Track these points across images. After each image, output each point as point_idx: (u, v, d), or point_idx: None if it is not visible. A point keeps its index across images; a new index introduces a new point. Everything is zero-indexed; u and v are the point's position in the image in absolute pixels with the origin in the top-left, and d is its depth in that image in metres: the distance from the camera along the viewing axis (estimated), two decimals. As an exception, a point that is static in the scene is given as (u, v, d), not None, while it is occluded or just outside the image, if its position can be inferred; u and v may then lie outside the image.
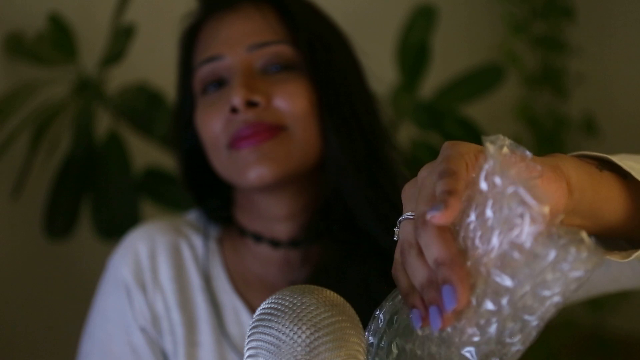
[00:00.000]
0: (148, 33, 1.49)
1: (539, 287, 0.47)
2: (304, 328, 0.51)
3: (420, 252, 0.51)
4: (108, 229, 1.36)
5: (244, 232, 0.95)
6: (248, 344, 0.54)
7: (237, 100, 0.86)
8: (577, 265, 0.46)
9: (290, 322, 0.52)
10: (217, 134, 0.89)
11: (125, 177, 1.39)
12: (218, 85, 0.91)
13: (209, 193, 0.98)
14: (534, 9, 2.13)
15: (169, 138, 1.16)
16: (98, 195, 1.38)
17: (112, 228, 1.36)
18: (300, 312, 0.52)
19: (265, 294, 0.65)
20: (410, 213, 0.54)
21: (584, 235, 0.46)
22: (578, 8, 2.13)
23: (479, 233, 0.50)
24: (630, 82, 2.20)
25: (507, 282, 0.48)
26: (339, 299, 0.54)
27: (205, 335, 0.91)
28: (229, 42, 0.90)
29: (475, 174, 0.51)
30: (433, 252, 0.50)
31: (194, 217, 1.00)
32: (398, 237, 0.55)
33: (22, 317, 1.48)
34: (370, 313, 0.57)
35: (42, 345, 1.50)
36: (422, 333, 0.53)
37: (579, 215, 0.56)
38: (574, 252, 0.46)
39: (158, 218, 1.01)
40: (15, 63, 1.45)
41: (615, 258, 0.60)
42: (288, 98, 0.88)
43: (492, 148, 0.50)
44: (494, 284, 0.49)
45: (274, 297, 0.54)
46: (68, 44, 1.43)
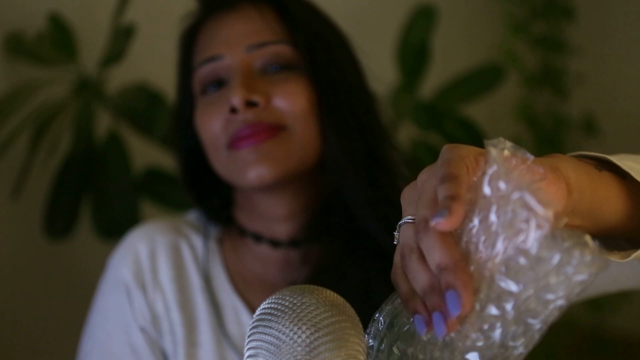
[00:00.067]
0: (148, 33, 1.49)
1: (543, 290, 0.47)
2: (304, 328, 0.51)
3: (422, 256, 0.51)
4: (108, 229, 1.36)
5: (244, 232, 0.95)
6: (248, 344, 0.54)
7: (236, 100, 0.86)
8: (581, 269, 0.46)
9: (290, 322, 0.52)
10: (216, 134, 0.89)
11: (125, 177, 1.39)
12: (218, 86, 0.91)
13: (209, 193, 0.98)
14: (534, 9, 2.13)
15: (169, 138, 1.16)
16: (98, 195, 1.38)
17: (112, 228, 1.36)
18: (300, 312, 0.52)
19: (265, 294, 0.65)
20: (410, 217, 0.53)
21: (588, 239, 0.46)
22: (578, 8, 2.13)
23: (483, 238, 0.49)
24: (630, 82, 2.20)
25: (512, 287, 0.48)
26: (339, 299, 0.54)
27: (205, 335, 0.91)
28: (229, 42, 0.90)
29: (477, 178, 0.51)
30: (435, 256, 0.49)
31: (194, 217, 1.00)
32: (398, 240, 0.54)
33: (22, 317, 1.48)
34: (370, 313, 0.57)
35: (42, 345, 1.50)
36: (424, 337, 0.52)
37: (578, 216, 0.56)
38: (578, 255, 0.46)
39: (158, 218, 1.01)
40: (15, 63, 1.45)
41: (615, 258, 0.60)
42: (287, 98, 0.88)
43: (494, 151, 0.50)
44: (498, 289, 0.48)
45: (274, 297, 0.54)
46: (68, 44, 1.43)
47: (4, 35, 1.43)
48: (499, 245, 0.48)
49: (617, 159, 0.60)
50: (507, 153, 0.50)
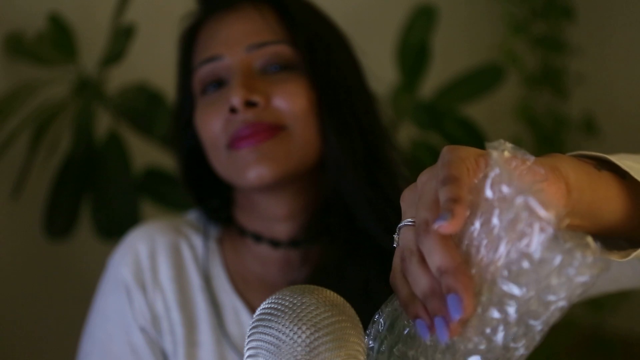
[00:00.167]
0: (148, 33, 1.49)
1: (544, 292, 0.47)
2: (304, 328, 0.51)
3: (422, 259, 0.51)
4: (108, 229, 1.36)
5: (244, 232, 0.95)
6: (248, 344, 0.54)
7: (236, 101, 0.86)
8: (582, 270, 0.45)
9: (290, 322, 0.52)
10: (216, 134, 0.89)
11: (125, 177, 1.39)
12: (217, 86, 0.91)
13: (209, 193, 0.98)
14: (534, 9, 2.13)
15: (169, 138, 1.17)
16: (98, 195, 1.38)
17: (112, 228, 1.36)
18: (300, 312, 0.52)
19: (265, 294, 0.65)
20: (410, 219, 0.53)
21: (590, 240, 0.46)
22: (578, 8, 2.13)
23: (485, 241, 0.49)
24: (630, 82, 2.20)
25: (514, 290, 0.47)
26: (339, 299, 0.54)
27: (205, 335, 0.91)
28: (228, 42, 0.90)
29: (478, 180, 0.50)
30: (436, 259, 0.49)
31: (194, 217, 1.00)
32: (398, 243, 0.54)
33: (22, 316, 1.48)
34: (370, 313, 0.57)
35: (42, 345, 1.50)
36: (428, 342, 0.52)
37: (578, 216, 0.56)
38: (580, 256, 0.45)
39: (158, 218, 1.01)
40: (15, 63, 1.45)
41: (615, 257, 0.60)
42: (287, 98, 0.88)
43: (495, 154, 0.50)
44: (500, 292, 0.48)
45: (274, 297, 0.54)
46: (68, 44, 1.43)
47: (4, 35, 1.43)
48: (502, 249, 0.48)
49: (616, 159, 0.60)
50: (507, 154, 0.50)
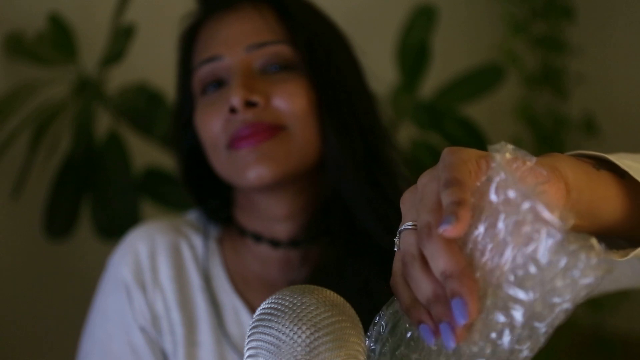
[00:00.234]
0: (148, 33, 1.49)
1: (549, 294, 0.46)
2: (304, 328, 0.51)
3: (424, 264, 0.50)
4: (108, 229, 1.36)
5: (244, 232, 0.95)
6: (248, 344, 0.54)
7: (236, 101, 0.86)
8: (587, 272, 0.45)
9: (290, 322, 0.52)
10: (216, 134, 0.89)
11: (125, 177, 1.39)
12: (217, 86, 0.91)
13: (209, 193, 0.98)
14: (534, 9, 2.13)
15: (169, 138, 1.16)
16: (98, 195, 1.38)
17: (112, 228, 1.36)
18: (300, 312, 0.52)
19: (265, 294, 0.65)
20: (411, 223, 0.52)
21: (594, 242, 0.46)
22: (578, 8, 2.12)
23: (490, 245, 0.48)
24: (630, 82, 2.20)
25: (520, 295, 0.47)
26: (339, 299, 0.54)
27: (205, 335, 0.91)
28: (228, 42, 0.90)
29: (481, 183, 0.50)
30: (440, 263, 0.48)
31: (194, 217, 1.00)
32: (398, 247, 0.53)
33: (22, 316, 1.48)
34: (370, 313, 0.57)
35: (42, 345, 1.50)
36: (433, 347, 0.51)
37: (577, 215, 0.56)
38: (584, 258, 0.45)
39: (158, 218, 1.01)
40: (15, 63, 1.45)
41: (614, 257, 0.60)
42: (287, 98, 0.88)
43: (499, 158, 0.49)
44: (506, 296, 0.48)
45: (274, 297, 0.54)
46: (68, 44, 1.43)
47: (4, 35, 1.43)
48: (508, 254, 0.48)
49: (615, 158, 0.60)
50: (509, 156, 0.50)
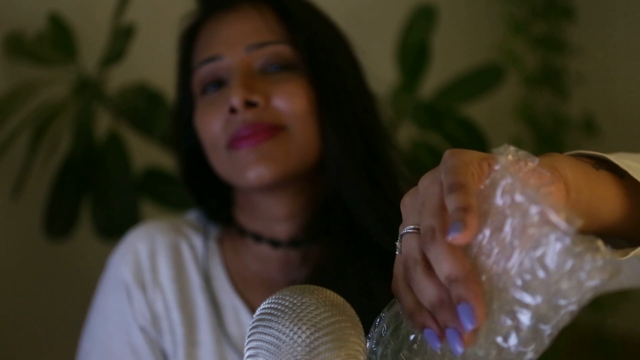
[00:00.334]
0: (148, 33, 1.49)
1: (555, 296, 0.46)
2: (304, 328, 0.51)
3: (428, 268, 0.50)
4: (108, 229, 1.36)
5: (244, 232, 0.95)
6: (248, 344, 0.54)
7: (235, 101, 0.86)
8: (593, 274, 0.45)
9: (290, 322, 0.52)
10: (216, 134, 0.89)
11: (125, 177, 1.39)
12: (217, 86, 0.91)
13: (209, 193, 0.98)
14: (534, 9, 2.13)
15: (169, 138, 1.16)
16: (98, 195, 1.38)
17: (112, 228, 1.36)
18: (300, 312, 0.52)
19: (265, 294, 0.65)
20: (413, 226, 0.52)
21: (600, 244, 0.45)
22: (578, 8, 2.12)
23: (496, 250, 0.48)
24: (630, 82, 2.20)
25: (527, 299, 0.47)
26: (339, 299, 0.54)
27: (205, 335, 0.91)
28: (228, 42, 0.90)
29: (485, 187, 0.50)
30: (445, 268, 0.48)
31: (194, 217, 1.00)
32: (400, 251, 0.53)
33: (22, 316, 1.48)
34: (370, 313, 0.57)
35: (42, 345, 1.50)
36: (438, 352, 0.51)
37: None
38: (591, 260, 0.45)
39: (158, 218, 1.01)
40: (15, 63, 1.45)
41: (614, 257, 0.60)
42: (287, 98, 0.88)
43: (504, 161, 0.49)
44: (512, 300, 0.47)
45: (274, 297, 0.54)
46: (68, 44, 1.43)
47: (4, 35, 1.43)
48: (515, 258, 0.47)
49: (614, 158, 0.60)
50: (511, 158, 0.50)
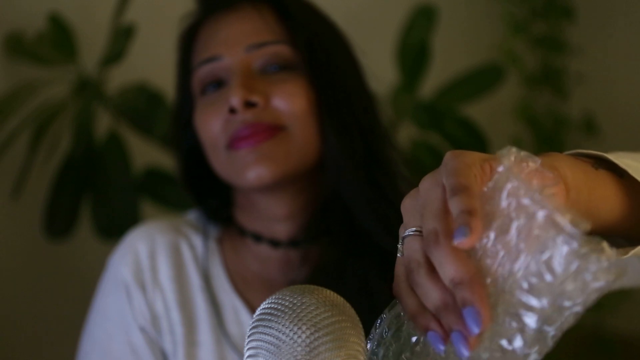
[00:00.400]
0: (148, 33, 1.49)
1: (560, 297, 0.46)
2: (304, 328, 0.51)
3: (431, 271, 0.49)
4: (108, 229, 1.36)
5: (244, 232, 0.95)
6: (248, 344, 0.54)
7: (235, 101, 0.86)
8: (598, 276, 0.45)
9: (290, 322, 0.52)
10: (216, 135, 0.89)
11: (125, 177, 1.39)
12: (217, 86, 0.91)
13: (209, 193, 0.98)
14: (534, 9, 2.13)
15: (169, 138, 1.16)
16: (98, 195, 1.38)
17: (112, 228, 1.36)
18: (300, 312, 0.52)
19: (265, 294, 0.65)
20: (414, 228, 0.52)
21: (605, 245, 0.45)
22: (578, 8, 2.13)
23: (502, 253, 0.48)
24: (630, 82, 2.20)
25: (533, 302, 0.47)
26: (339, 299, 0.54)
27: (205, 335, 0.91)
28: (228, 42, 0.90)
29: (488, 189, 0.50)
30: (450, 271, 0.48)
31: (194, 217, 1.00)
32: (402, 253, 0.53)
33: (22, 316, 1.48)
34: (371, 313, 0.57)
35: (42, 345, 1.50)
36: (442, 355, 0.51)
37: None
38: (596, 262, 0.45)
39: (158, 218, 1.01)
40: (15, 63, 1.45)
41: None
42: (287, 98, 0.88)
43: (507, 163, 0.49)
44: (518, 303, 0.47)
45: (274, 297, 0.54)
46: (68, 44, 1.43)
47: (4, 35, 1.43)
48: (521, 261, 0.47)
49: (614, 157, 0.60)
50: (513, 159, 0.49)
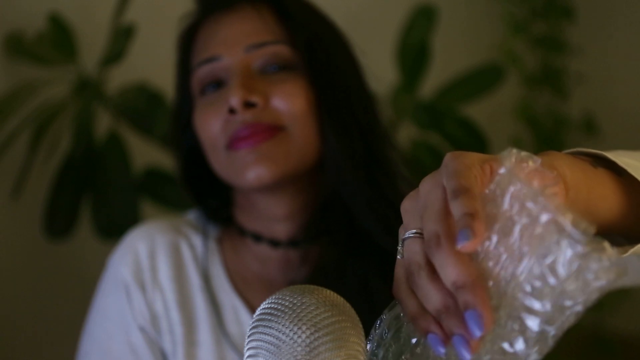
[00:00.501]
0: (148, 33, 1.49)
1: (561, 297, 0.46)
2: (304, 328, 0.51)
3: (432, 273, 0.49)
4: (108, 229, 1.36)
5: (244, 231, 0.95)
6: (248, 344, 0.54)
7: (234, 101, 0.86)
8: (600, 275, 0.45)
9: (290, 322, 0.52)
10: (215, 135, 0.89)
11: (125, 177, 1.39)
12: (216, 86, 0.91)
13: (208, 193, 0.98)
14: (534, 9, 2.13)
15: (169, 138, 1.16)
16: (98, 195, 1.38)
17: (112, 228, 1.36)
18: (300, 312, 0.52)
19: (265, 294, 0.65)
20: (415, 230, 0.51)
21: (607, 245, 0.45)
22: (578, 8, 2.13)
23: (504, 256, 0.48)
24: (630, 82, 2.20)
25: (536, 305, 0.47)
26: (339, 299, 0.54)
27: (205, 335, 0.91)
28: (227, 42, 0.90)
29: (489, 191, 0.49)
30: (451, 274, 0.47)
31: (194, 217, 1.00)
32: (402, 255, 0.52)
33: (22, 316, 1.48)
34: (370, 312, 0.57)
35: (42, 345, 1.50)
36: (443, 357, 0.51)
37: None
38: (597, 261, 0.45)
39: (158, 218, 1.01)
40: (15, 63, 1.45)
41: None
42: (286, 98, 0.88)
43: (509, 165, 0.49)
44: (520, 306, 0.47)
45: (274, 297, 0.54)
46: (68, 44, 1.44)
47: (4, 35, 1.43)
48: (524, 264, 0.47)
49: (613, 155, 0.60)
50: (514, 160, 0.49)
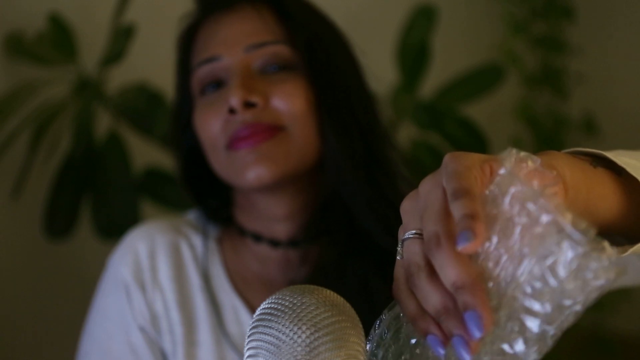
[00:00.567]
0: (148, 33, 1.49)
1: (560, 296, 0.46)
2: (304, 328, 0.51)
3: (431, 274, 0.49)
4: (108, 229, 1.36)
5: (244, 231, 0.95)
6: (248, 344, 0.54)
7: (234, 101, 0.86)
8: (599, 274, 0.45)
9: (290, 322, 0.52)
10: (215, 135, 0.89)
11: (125, 177, 1.39)
12: (216, 86, 0.91)
13: (208, 193, 0.98)
14: (534, 9, 2.13)
15: (169, 138, 1.17)
16: (98, 195, 1.38)
17: (112, 228, 1.36)
18: (300, 312, 0.52)
19: (265, 294, 0.65)
20: (414, 231, 0.51)
21: (606, 244, 0.45)
22: (578, 8, 2.13)
23: (505, 257, 0.48)
24: (630, 82, 2.20)
25: (536, 306, 0.47)
26: (339, 299, 0.54)
27: (205, 335, 0.91)
28: (227, 42, 0.90)
29: (489, 192, 0.49)
30: (451, 274, 0.47)
31: (194, 217, 1.00)
32: (402, 256, 0.52)
33: (22, 316, 1.48)
34: (370, 312, 0.57)
35: (42, 345, 1.50)
36: (440, 356, 0.51)
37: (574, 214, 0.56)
38: (597, 260, 0.45)
39: (158, 218, 1.01)
40: (15, 63, 1.45)
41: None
42: (286, 98, 0.88)
43: (509, 166, 0.49)
44: (520, 307, 0.47)
45: (274, 297, 0.54)
46: (68, 44, 1.44)
47: (4, 35, 1.43)
48: (525, 266, 0.47)
49: (613, 155, 0.60)
50: (514, 161, 0.49)
